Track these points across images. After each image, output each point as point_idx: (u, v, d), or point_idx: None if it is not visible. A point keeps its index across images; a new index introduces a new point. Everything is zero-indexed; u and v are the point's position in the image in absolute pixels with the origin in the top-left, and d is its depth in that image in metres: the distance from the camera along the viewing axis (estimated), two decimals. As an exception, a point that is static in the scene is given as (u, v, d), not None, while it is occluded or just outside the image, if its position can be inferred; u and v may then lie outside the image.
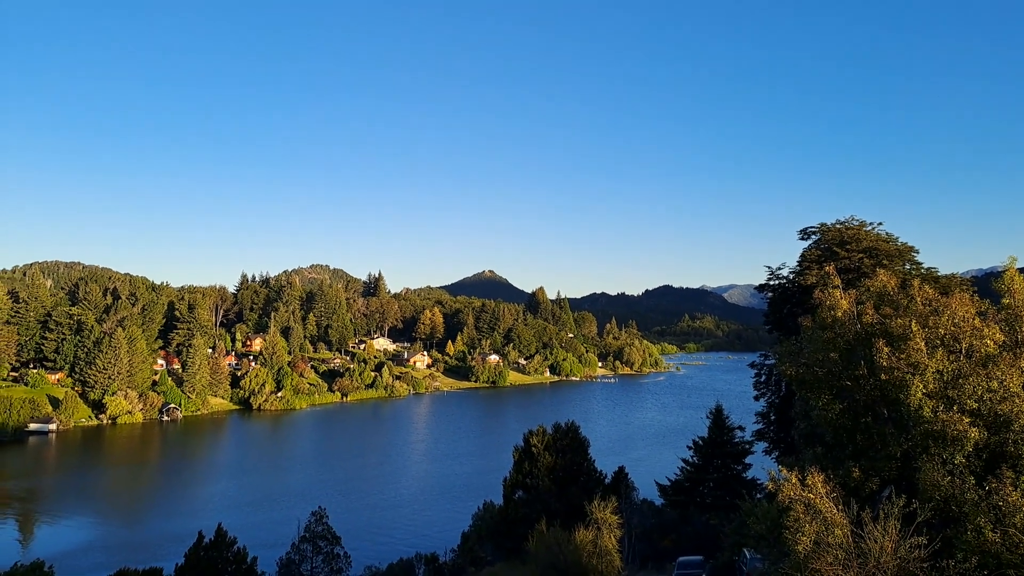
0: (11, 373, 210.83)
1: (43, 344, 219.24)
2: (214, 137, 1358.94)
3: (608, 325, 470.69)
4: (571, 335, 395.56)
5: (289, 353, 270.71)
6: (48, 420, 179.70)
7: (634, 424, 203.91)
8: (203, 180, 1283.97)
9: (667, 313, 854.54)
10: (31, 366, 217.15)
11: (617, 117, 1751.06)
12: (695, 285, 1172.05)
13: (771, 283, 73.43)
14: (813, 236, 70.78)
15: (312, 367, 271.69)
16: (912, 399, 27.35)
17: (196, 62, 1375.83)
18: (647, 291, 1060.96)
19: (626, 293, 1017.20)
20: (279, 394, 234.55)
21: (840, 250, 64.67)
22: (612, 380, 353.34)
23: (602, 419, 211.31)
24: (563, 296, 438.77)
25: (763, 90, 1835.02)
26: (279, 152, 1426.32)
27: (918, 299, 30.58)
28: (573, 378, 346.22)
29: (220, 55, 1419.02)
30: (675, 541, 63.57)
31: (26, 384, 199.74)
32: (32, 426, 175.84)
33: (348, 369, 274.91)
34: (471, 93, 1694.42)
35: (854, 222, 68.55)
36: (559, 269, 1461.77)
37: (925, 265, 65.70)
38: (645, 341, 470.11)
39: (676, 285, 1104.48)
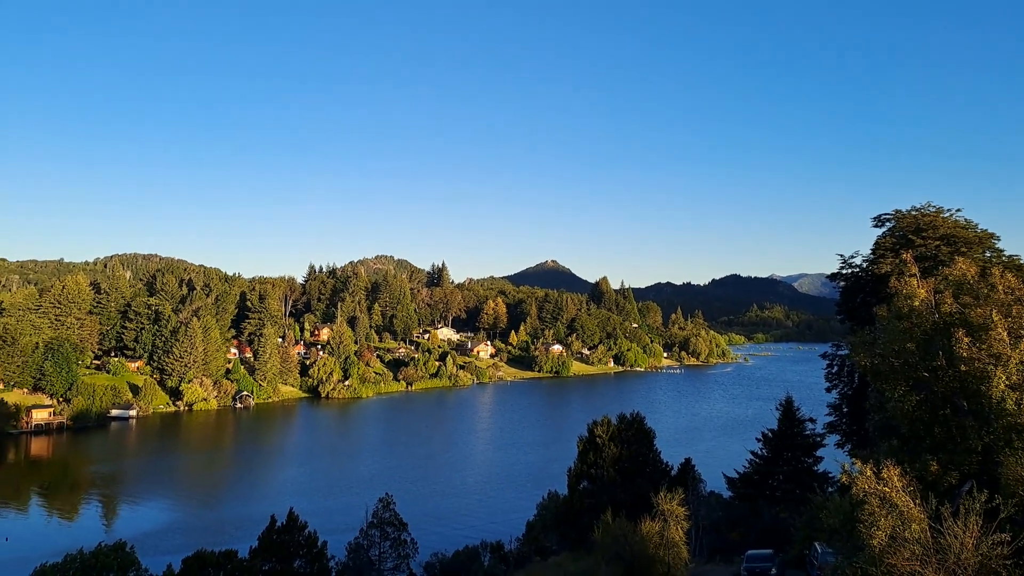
0: (94, 361, 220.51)
1: (123, 333, 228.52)
2: (284, 131, 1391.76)
3: (673, 315, 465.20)
4: (635, 325, 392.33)
5: (355, 342, 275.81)
6: (129, 406, 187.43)
7: (701, 415, 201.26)
8: (273, 174, 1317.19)
9: (735, 303, 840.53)
10: (112, 354, 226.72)
11: (682, 102, 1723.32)
12: (764, 274, 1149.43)
13: (843, 272, 71.27)
14: (888, 223, 68.25)
15: (378, 356, 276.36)
16: (994, 391, 26.25)
17: (271, 55, 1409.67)
18: (714, 280, 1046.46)
19: (692, 283, 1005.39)
20: (346, 383, 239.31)
21: (916, 237, 62.25)
22: (678, 371, 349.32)
23: (668, 410, 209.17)
24: (627, 286, 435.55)
25: (838, 71, 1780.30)
26: (346, 145, 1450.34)
27: (1000, 288, 29.25)
28: (638, 368, 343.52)
29: (287, 46, 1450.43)
30: (743, 534, 62.57)
31: (108, 372, 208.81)
32: (114, 412, 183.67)
33: (413, 358, 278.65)
34: (533, 85, 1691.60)
35: (931, 208, 65.81)
36: (623, 258, 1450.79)
37: (1007, 253, 62.72)
38: (712, 331, 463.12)
39: (744, 274, 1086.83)
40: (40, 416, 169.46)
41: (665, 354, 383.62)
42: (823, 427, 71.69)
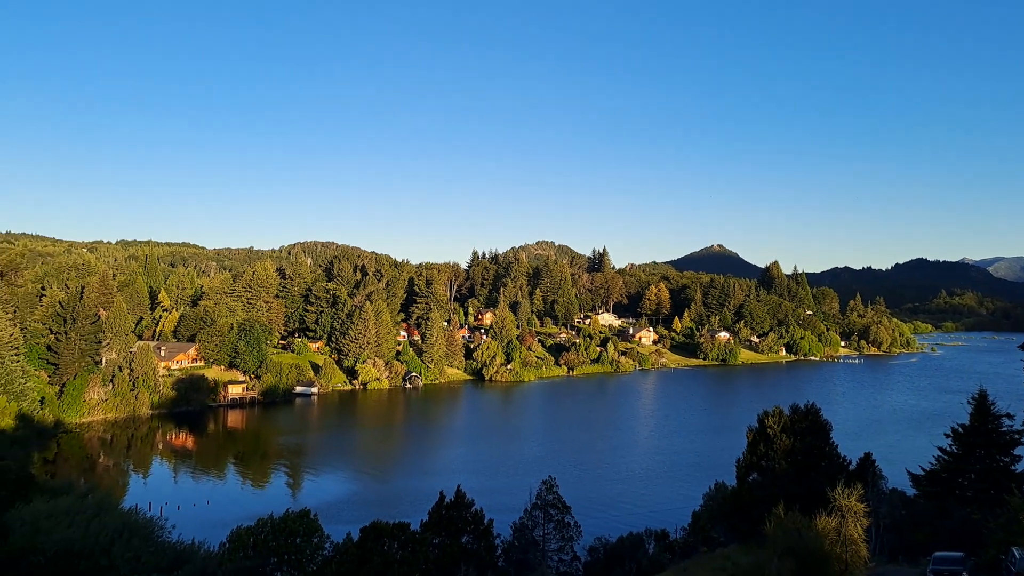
0: (280, 341, 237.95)
1: (305, 315, 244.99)
2: (449, 124, 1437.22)
3: (852, 302, 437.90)
4: (809, 312, 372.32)
5: (517, 327, 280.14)
6: (311, 384, 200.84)
7: (882, 408, 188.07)
8: (439, 163, 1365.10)
9: (920, 289, 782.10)
10: (296, 335, 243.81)
11: (864, 68, 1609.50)
12: (954, 258, 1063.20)
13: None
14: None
15: (539, 341, 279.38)
16: None
17: (434, 52, 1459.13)
18: (897, 265, 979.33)
19: (872, 267, 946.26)
20: (508, 366, 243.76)
21: None
22: (856, 361, 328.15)
23: (846, 401, 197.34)
24: (800, 271, 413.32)
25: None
26: (508, 134, 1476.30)
27: None
28: (812, 358, 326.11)
29: (445, 43, 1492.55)
30: (930, 535, 57.66)
31: (293, 351, 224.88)
32: (298, 388, 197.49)
33: (574, 344, 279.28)
34: (698, 63, 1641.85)
35: None
36: (795, 242, 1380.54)
37: None
38: (895, 319, 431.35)
39: (931, 258, 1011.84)
40: (235, 391, 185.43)
41: (843, 343, 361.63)
42: (1022, 423, 64.50)
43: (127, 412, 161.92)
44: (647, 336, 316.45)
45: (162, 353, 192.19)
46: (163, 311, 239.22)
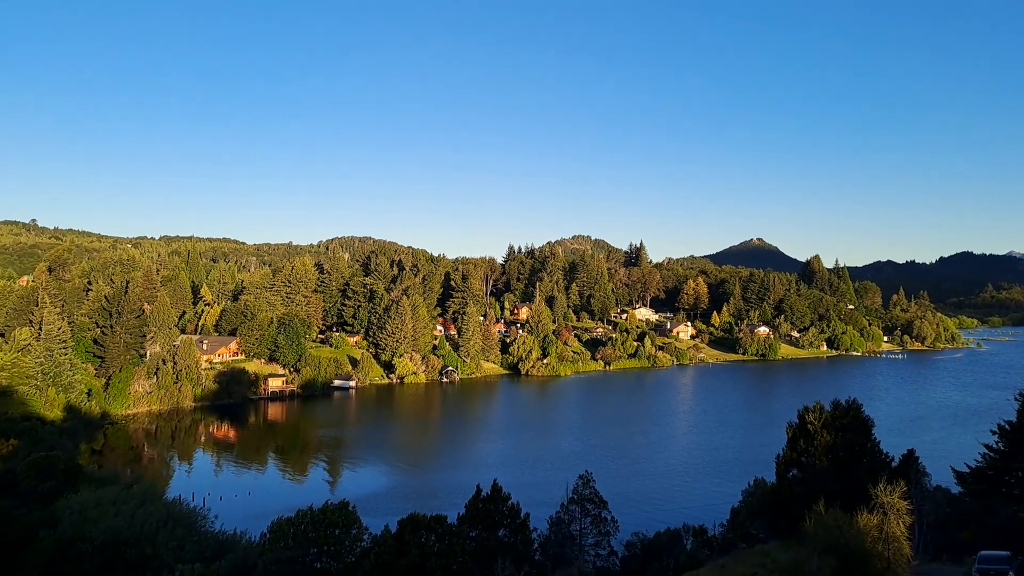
0: (319, 335, 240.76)
1: (343, 310, 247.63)
2: (485, 119, 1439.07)
3: (895, 296, 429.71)
4: (851, 306, 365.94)
5: (553, 322, 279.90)
6: (348, 377, 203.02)
7: (926, 404, 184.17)
8: (472, 158, 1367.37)
9: (966, 283, 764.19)
10: (334, 329, 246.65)
11: (908, 56, 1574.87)
12: (1001, 251, 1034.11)
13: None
14: None
15: (575, 335, 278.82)
16: None
17: (470, 45, 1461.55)
18: (942, 259, 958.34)
19: (916, 261, 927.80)
20: (545, 360, 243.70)
21: None
22: (899, 356, 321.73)
23: (889, 397, 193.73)
24: (842, 265, 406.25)
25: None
26: (543, 129, 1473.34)
27: None
28: (854, 353, 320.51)
29: (485, 36, 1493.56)
30: (975, 533, 56.54)
31: (331, 345, 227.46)
32: (336, 382, 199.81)
33: (610, 338, 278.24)
34: (736, 55, 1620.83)
35: None
36: (836, 236, 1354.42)
37: None
38: (939, 314, 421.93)
39: (977, 251, 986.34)
40: (275, 384, 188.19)
41: (885, 338, 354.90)
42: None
43: (171, 404, 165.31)
44: (685, 331, 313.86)
45: (204, 347, 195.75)
46: (205, 305, 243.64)
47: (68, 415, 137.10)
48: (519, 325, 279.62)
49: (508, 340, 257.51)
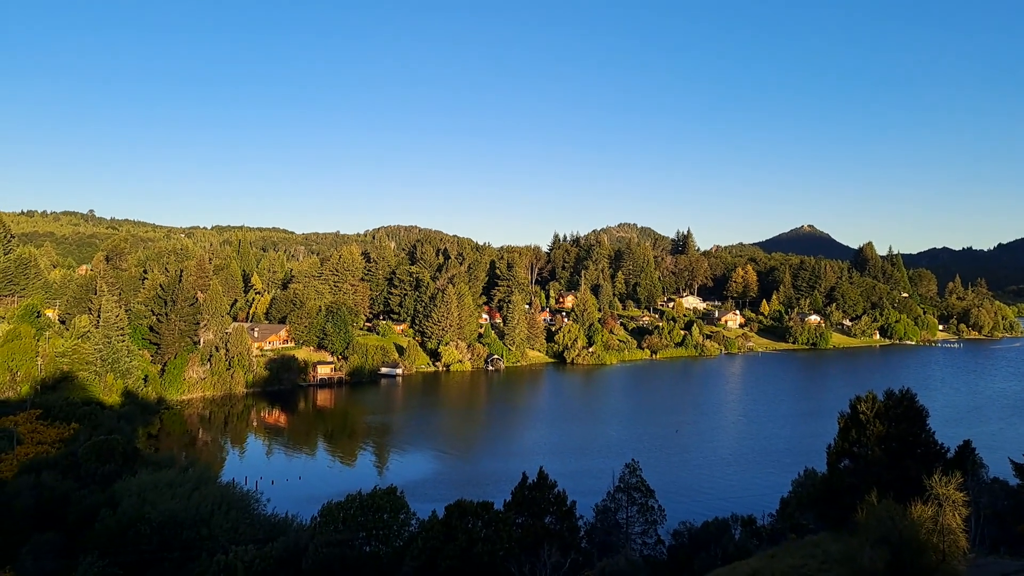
0: (366, 323, 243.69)
1: (389, 298, 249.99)
2: (530, 107, 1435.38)
3: (950, 284, 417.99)
4: (905, 294, 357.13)
5: (599, 310, 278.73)
6: (395, 365, 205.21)
7: (984, 394, 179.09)
8: (520, 145, 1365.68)
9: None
10: (380, 317, 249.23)
11: (959, 35, 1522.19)
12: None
13: None
14: None
15: (621, 324, 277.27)
16: None
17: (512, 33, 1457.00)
18: (1000, 245, 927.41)
19: (973, 247, 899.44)
20: (590, 349, 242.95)
21: None
22: (955, 345, 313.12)
23: (945, 387, 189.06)
24: (895, 252, 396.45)
25: None
26: (587, 116, 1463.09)
27: None
28: (908, 342, 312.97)
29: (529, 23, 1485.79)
30: (1034, 527, 54.64)
31: (378, 333, 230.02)
32: (383, 370, 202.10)
33: (657, 327, 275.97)
34: (786, 39, 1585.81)
35: None
36: (890, 222, 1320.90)
37: None
38: (997, 302, 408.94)
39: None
40: (323, 371, 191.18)
41: (940, 327, 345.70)
42: None
43: (223, 390, 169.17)
44: (733, 319, 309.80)
45: (255, 334, 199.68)
46: (255, 294, 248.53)
47: (126, 400, 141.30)
48: (564, 314, 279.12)
49: (553, 329, 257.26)
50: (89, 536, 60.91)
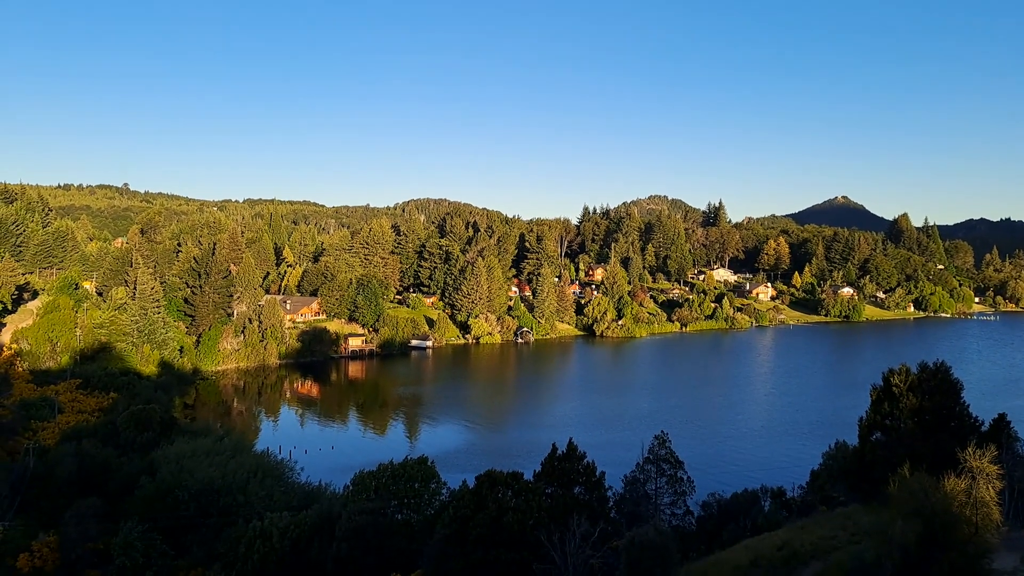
0: (396, 296, 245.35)
1: (419, 271, 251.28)
2: (556, 77, 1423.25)
3: (988, 255, 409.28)
4: (941, 266, 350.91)
5: (628, 283, 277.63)
6: (425, 337, 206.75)
7: (1020, 367, 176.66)
8: (550, 117, 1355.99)
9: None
10: (410, 290, 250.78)
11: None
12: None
13: None
14: None
15: (651, 297, 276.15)
16: None
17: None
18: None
19: (1012, 219, 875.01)
20: (620, 322, 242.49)
21: None
22: (992, 318, 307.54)
23: (981, 360, 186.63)
24: (931, 223, 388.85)
25: None
26: (617, 85, 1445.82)
27: None
28: (943, 314, 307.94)
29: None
30: (1069, 501, 53.79)
31: (408, 306, 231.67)
32: (413, 342, 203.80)
33: (687, 300, 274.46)
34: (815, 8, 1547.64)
35: None
36: (926, 193, 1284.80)
37: None
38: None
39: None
40: (355, 343, 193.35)
41: (976, 299, 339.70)
42: None
43: (257, 361, 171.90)
44: (765, 292, 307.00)
45: (287, 306, 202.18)
46: (287, 267, 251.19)
47: (162, 370, 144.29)
48: (594, 286, 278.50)
49: (583, 301, 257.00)
50: (129, 502, 62.66)
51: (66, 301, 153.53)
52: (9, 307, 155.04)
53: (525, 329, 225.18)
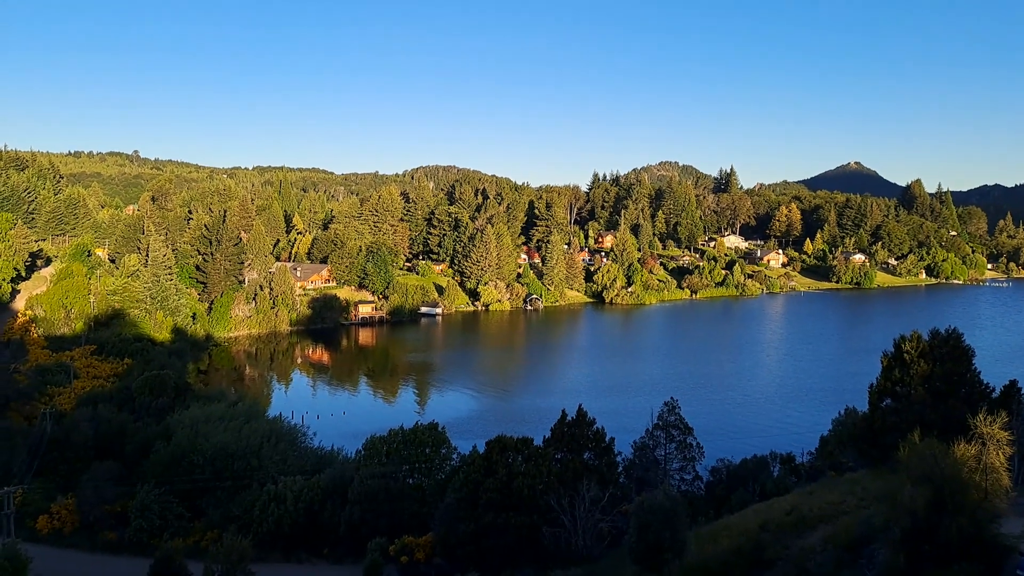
0: (406, 263, 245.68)
1: (428, 238, 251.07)
2: (566, 42, 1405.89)
3: (1002, 222, 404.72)
4: (954, 233, 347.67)
5: (638, 250, 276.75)
6: (435, 304, 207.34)
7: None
8: (558, 83, 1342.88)
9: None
10: (420, 257, 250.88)
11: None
12: None
13: None
14: None
15: (661, 264, 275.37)
16: None
17: None
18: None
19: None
20: (629, 289, 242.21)
21: None
22: (1004, 284, 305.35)
23: (993, 326, 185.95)
24: (945, 189, 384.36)
25: None
26: (627, 50, 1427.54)
27: None
28: (955, 281, 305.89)
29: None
30: (1080, 466, 53.84)
31: (417, 273, 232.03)
32: (423, 309, 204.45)
33: (697, 267, 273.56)
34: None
35: None
36: (940, 158, 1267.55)
37: None
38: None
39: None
40: (364, 310, 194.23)
41: (989, 266, 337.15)
42: None
43: (268, 328, 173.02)
44: (776, 259, 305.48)
45: (298, 273, 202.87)
46: (297, 234, 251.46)
47: (175, 337, 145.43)
48: (603, 254, 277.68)
49: (592, 268, 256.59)
50: (145, 466, 63.60)
51: (79, 268, 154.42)
52: (23, 274, 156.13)
53: (534, 296, 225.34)
